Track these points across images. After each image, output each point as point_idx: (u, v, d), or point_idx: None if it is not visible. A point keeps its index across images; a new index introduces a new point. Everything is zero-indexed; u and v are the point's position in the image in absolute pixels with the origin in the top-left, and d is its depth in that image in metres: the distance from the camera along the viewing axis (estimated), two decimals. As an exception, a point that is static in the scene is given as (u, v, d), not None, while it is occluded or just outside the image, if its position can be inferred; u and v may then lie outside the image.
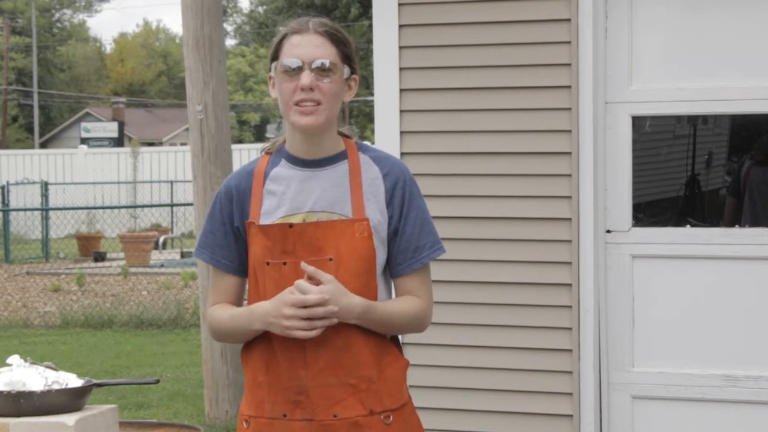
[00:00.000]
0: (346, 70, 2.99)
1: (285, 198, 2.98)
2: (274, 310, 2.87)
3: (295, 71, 2.93)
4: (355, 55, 3.03)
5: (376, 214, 2.97)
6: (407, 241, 2.99)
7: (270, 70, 3.01)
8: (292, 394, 2.93)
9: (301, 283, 2.84)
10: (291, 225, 2.93)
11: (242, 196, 3.01)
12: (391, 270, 3.02)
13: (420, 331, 3.06)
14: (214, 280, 3.08)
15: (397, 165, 3.04)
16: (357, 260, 2.92)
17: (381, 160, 3.03)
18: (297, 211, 2.96)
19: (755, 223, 5.43)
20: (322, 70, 2.93)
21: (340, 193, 2.97)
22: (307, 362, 2.91)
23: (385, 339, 3.00)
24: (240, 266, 3.04)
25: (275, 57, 2.99)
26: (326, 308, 2.83)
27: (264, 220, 2.97)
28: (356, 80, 3.03)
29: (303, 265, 2.86)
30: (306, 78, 2.92)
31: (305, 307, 2.82)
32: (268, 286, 2.94)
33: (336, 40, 2.97)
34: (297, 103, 2.93)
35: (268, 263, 2.93)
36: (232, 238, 3.02)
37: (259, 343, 2.97)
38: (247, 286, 3.07)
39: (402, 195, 3.00)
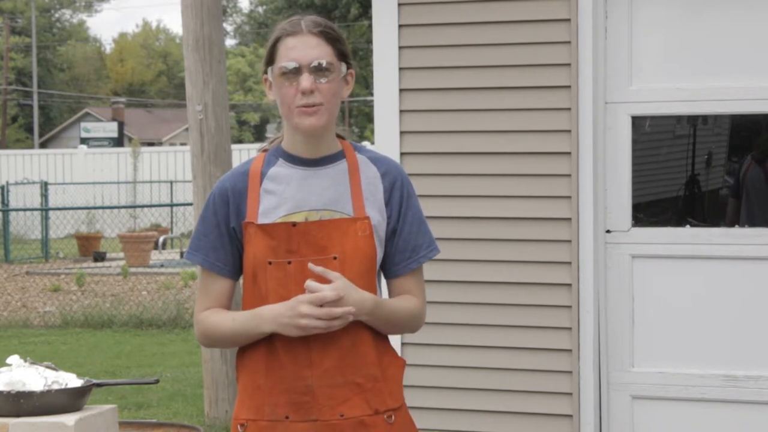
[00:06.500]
0: (344, 67, 2.99)
1: (285, 196, 2.96)
2: (288, 310, 2.84)
3: (294, 75, 2.92)
4: (348, 50, 3.02)
5: (375, 213, 2.97)
6: (405, 241, 3.00)
7: (266, 73, 2.99)
8: (297, 395, 2.91)
9: (312, 282, 2.83)
10: (294, 224, 2.91)
11: (238, 196, 2.98)
12: (388, 270, 3.02)
13: (414, 331, 3.07)
14: (206, 284, 3.03)
15: (394, 165, 3.05)
16: (360, 259, 2.92)
17: (378, 160, 3.03)
18: (299, 209, 2.94)
19: (752, 221, 5.42)
20: (320, 71, 2.92)
21: (341, 191, 2.97)
22: (313, 362, 2.90)
23: (386, 339, 3.01)
24: (233, 269, 3.00)
25: (271, 60, 2.97)
26: (344, 309, 2.82)
27: (263, 220, 2.94)
28: (352, 75, 3.03)
29: (310, 266, 2.85)
30: (306, 81, 2.90)
31: (323, 305, 2.81)
32: (270, 286, 2.92)
33: (331, 38, 2.96)
34: (299, 107, 2.92)
35: (270, 263, 2.91)
36: (227, 240, 2.99)
37: (258, 346, 2.94)
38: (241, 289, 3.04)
39: (400, 195, 3.00)
